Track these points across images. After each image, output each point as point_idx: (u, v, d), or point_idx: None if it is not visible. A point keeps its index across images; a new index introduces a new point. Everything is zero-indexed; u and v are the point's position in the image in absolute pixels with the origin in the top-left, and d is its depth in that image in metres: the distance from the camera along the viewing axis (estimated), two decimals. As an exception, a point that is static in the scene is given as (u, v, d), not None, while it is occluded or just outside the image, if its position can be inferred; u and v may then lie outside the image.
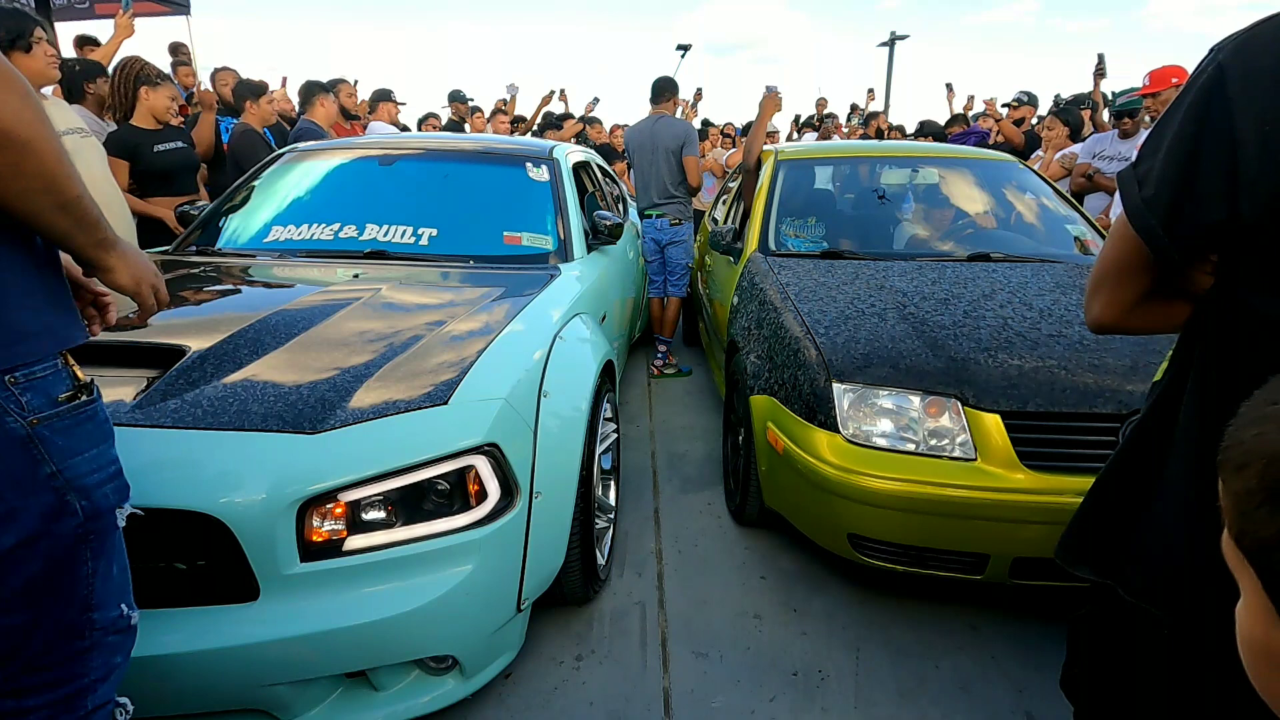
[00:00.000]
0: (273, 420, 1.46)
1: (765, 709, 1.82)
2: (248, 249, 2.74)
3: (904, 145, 5.02)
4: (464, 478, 1.55)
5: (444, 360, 1.75)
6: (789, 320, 2.42)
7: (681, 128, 4.20)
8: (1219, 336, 0.81)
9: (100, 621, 0.94)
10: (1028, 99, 5.74)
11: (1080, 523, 1.05)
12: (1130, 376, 1.96)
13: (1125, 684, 1.05)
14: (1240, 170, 0.72)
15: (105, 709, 0.97)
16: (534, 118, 7.24)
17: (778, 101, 3.99)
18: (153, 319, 1.79)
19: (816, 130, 8.95)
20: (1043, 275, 2.72)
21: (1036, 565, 1.91)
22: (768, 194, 3.46)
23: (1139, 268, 0.86)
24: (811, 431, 2.09)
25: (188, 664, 1.32)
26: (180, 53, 5.72)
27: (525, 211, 2.94)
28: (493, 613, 1.63)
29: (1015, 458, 1.89)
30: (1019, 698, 1.86)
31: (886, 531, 2.00)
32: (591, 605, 2.21)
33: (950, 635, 2.10)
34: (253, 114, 4.39)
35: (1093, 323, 0.94)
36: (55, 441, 0.87)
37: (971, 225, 3.41)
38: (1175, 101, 0.80)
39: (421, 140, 3.61)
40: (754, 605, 2.24)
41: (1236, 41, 0.74)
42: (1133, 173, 0.84)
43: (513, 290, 2.30)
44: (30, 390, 0.85)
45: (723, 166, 6.94)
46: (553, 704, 1.83)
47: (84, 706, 0.93)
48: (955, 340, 2.16)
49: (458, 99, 6.63)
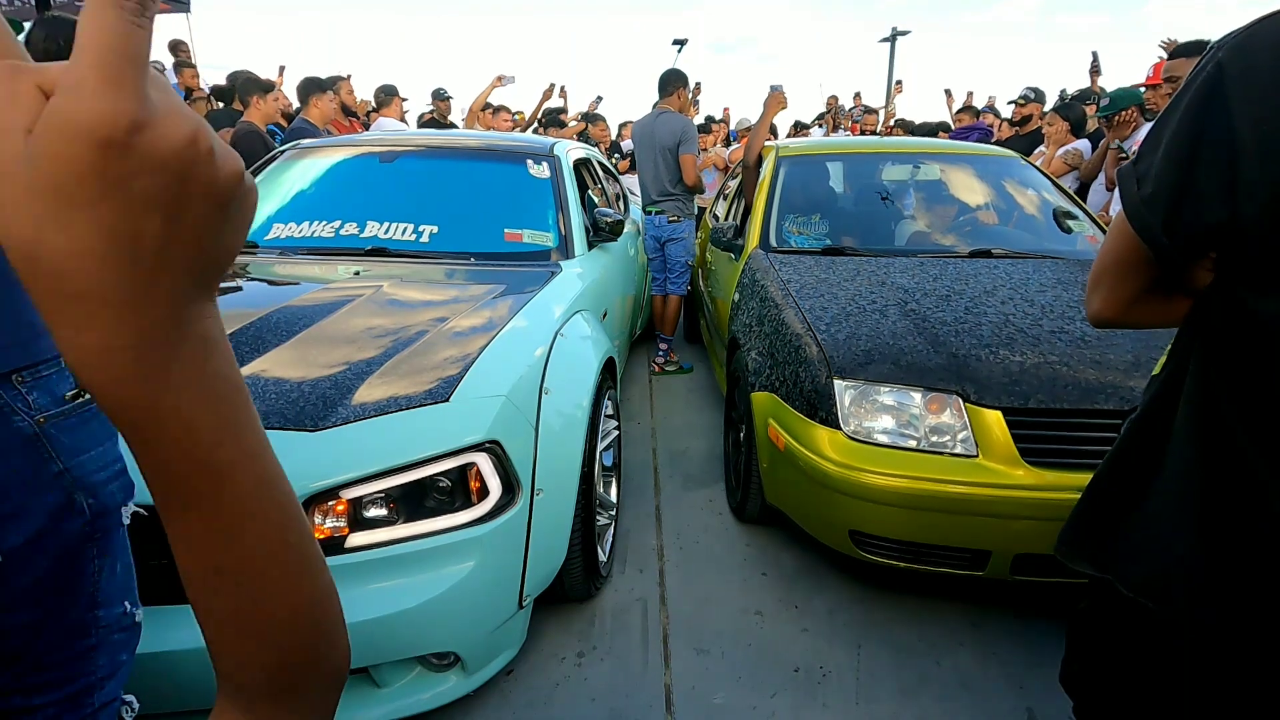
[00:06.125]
0: (274, 417, 1.46)
1: (766, 705, 1.83)
2: (248, 246, 2.74)
3: (905, 141, 5.01)
4: (465, 475, 1.56)
5: (445, 357, 1.75)
6: (790, 317, 2.42)
7: (679, 124, 4.18)
8: (1218, 333, 0.81)
9: (105, 619, 0.94)
10: (1034, 96, 5.70)
11: (1080, 517, 1.05)
12: (1132, 372, 1.96)
13: (1124, 678, 1.06)
14: (1239, 170, 0.72)
15: (111, 707, 0.97)
16: (535, 114, 7.21)
17: (782, 100, 3.98)
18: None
19: (823, 126, 8.95)
20: (1044, 271, 2.71)
21: (1038, 561, 1.91)
22: (769, 190, 3.45)
23: (1138, 264, 0.86)
24: (813, 428, 2.09)
25: (193, 660, 1.33)
26: (181, 50, 5.73)
27: (526, 208, 2.94)
28: (494, 609, 1.64)
29: (1017, 454, 1.89)
30: (1020, 694, 1.87)
31: (888, 528, 2.00)
32: (593, 602, 2.21)
33: (951, 632, 2.10)
34: (255, 111, 4.39)
35: (1093, 317, 0.95)
36: (62, 440, 0.87)
37: (973, 221, 3.41)
38: (1175, 99, 0.80)
39: (422, 137, 3.61)
40: (755, 602, 2.24)
41: (1235, 40, 0.74)
42: (1132, 170, 0.84)
43: (514, 287, 2.31)
44: (37, 389, 0.85)
45: (725, 160, 6.93)
46: (554, 700, 1.84)
47: (90, 704, 0.93)
48: (957, 337, 2.16)
49: (440, 96, 6.59)
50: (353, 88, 5.76)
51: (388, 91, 5.75)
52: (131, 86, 0.23)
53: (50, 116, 0.23)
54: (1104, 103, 4.09)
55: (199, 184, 0.26)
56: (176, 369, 0.28)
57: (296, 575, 0.34)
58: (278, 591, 0.33)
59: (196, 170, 0.26)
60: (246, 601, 0.33)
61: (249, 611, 0.33)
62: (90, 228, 0.24)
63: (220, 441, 0.30)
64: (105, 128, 0.23)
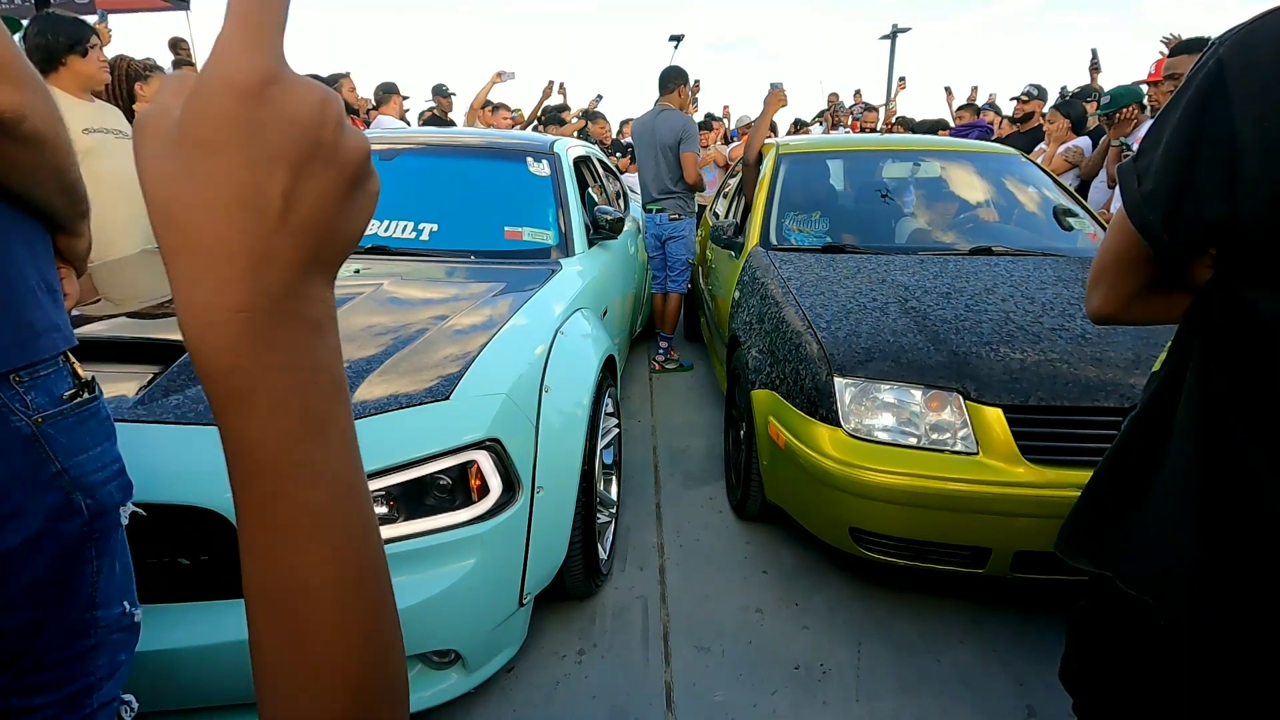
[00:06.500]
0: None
1: (767, 702, 1.83)
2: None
3: (905, 138, 5.00)
4: (466, 473, 1.56)
5: (446, 355, 1.75)
6: (790, 315, 2.42)
7: (680, 121, 4.17)
8: (1218, 330, 0.81)
9: (104, 619, 0.94)
10: (1037, 93, 5.68)
11: (1080, 515, 1.05)
12: (1132, 370, 1.96)
13: (1124, 676, 1.05)
14: (1239, 167, 0.71)
15: (110, 707, 0.97)
16: (534, 112, 7.20)
17: (782, 98, 3.98)
18: (153, 318, 1.79)
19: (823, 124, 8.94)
20: (1044, 269, 2.71)
21: (1038, 559, 1.91)
22: (769, 188, 3.45)
23: (1138, 261, 0.86)
24: (813, 426, 2.09)
25: (193, 658, 1.33)
26: (181, 48, 5.72)
27: (526, 206, 2.94)
28: (495, 607, 1.64)
29: (1017, 451, 1.89)
30: (1020, 691, 1.87)
31: (888, 526, 2.00)
32: (593, 600, 2.21)
33: (952, 629, 2.10)
34: None
35: (1093, 314, 0.94)
36: (60, 440, 0.87)
37: (973, 219, 3.41)
38: (1176, 96, 0.79)
39: (422, 135, 3.61)
40: (755, 599, 2.24)
41: (1237, 36, 0.73)
42: (1133, 167, 0.84)
43: (514, 285, 2.30)
44: (34, 389, 0.85)
45: (725, 158, 6.92)
46: (555, 698, 1.84)
47: (89, 704, 0.93)
48: (957, 334, 2.16)
49: (441, 93, 6.57)
50: (354, 85, 5.75)
51: (387, 89, 5.74)
52: (269, 46, 0.25)
53: (198, 78, 0.25)
54: (1105, 100, 4.08)
55: (325, 147, 0.27)
56: (280, 346, 0.27)
57: (359, 615, 0.31)
58: (335, 627, 0.30)
59: (324, 133, 0.27)
60: (299, 632, 0.30)
61: (299, 644, 0.30)
62: (220, 176, 0.25)
63: (303, 438, 0.28)
64: (242, 78, 0.25)
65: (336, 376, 0.30)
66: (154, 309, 2.00)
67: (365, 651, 0.31)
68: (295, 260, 0.27)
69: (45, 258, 0.92)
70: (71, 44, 2.61)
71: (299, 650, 0.30)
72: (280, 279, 0.27)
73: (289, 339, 0.27)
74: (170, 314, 1.96)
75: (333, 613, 0.30)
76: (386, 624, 0.33)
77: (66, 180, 0.91)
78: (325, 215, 0.27)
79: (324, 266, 0.29)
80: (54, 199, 0.91)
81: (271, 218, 0.26)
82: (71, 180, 0.93)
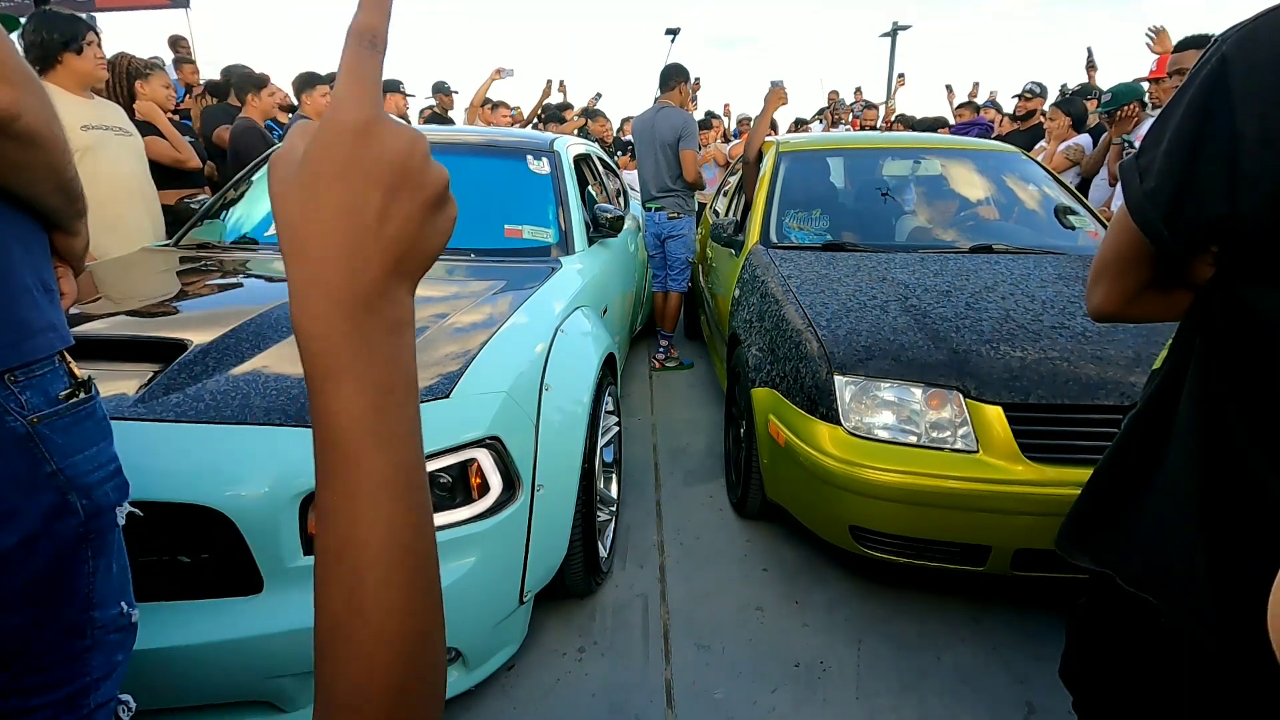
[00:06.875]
0: (275, 414, 1.46)
1: (767, 700, 1.83)
2: (249, 243, 2.74)
3: (906, 136, 5.00)
4: (466, 471, 1.56)
5: (446, 353, 1.75)
6: (790, 313, 2.41)
7: (679, 119, 4.15)
8: (1218, 328, 0.80)
9: (101, 620, 0.94)
10: (1039, 90, 5.66)
11: (1080, 513, 1.04)
12: (1133, 368, 1.96)
13: (1124, 673, 1.05)
14: (1241, 165, 0.71)
15: (107, 707, 0.97)
16: (534, 110, 7.19)
17: (783, 95, 3.97)
18: (153, 316, 1.79)
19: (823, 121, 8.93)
20: (1045, 267, 2.71)
21: (1038, 557, 1.91)
22: (769, 186, 3.44)
23: (1140, 258, 0.86)
24: (813, 424, 2.08)
25: (192, 656, 1.33)
26: (180, 46, 5.71)
27: (526, 204, 2.93)
28: (495, 605, 1.64)
29: (1017, 450, 1.89)
30: (1020, 689, 1.87)
31: (888, 524, 2.00)
32: (593, 598, 2.21)
33: (952, 627, 2.10)
34: (254, 108, 4.37)
35: (1093, 312, 0.94)
36: (55, 440, 0.87)
37: (973, 217, 3.40)
38: (1178, 93, 0.79)
39: (422, 133, 3.60)
40: (756, 597, 2.24)
41: (1240, 33, 0.73)
42: (1135, 164, 0.84)
43: (514, 283, 2.30)
44: (30, 389, 0.85)
45: (725, 156, 6.91)
46: (555, 696, 1.84)
47: (86, 705, 0.93)
48: (957, 332, 2.15)
49: (442, 90, 6.54)
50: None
51: (388, 86, 5.71)
52: (371, 98, 0.32)
53: (320, 123, 0.32)
54: (1106, 98, 4.07)
55: (413, 175, 0.33)
56: (367, 335, 0.32)
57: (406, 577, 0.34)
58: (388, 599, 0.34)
59: (412, 164, 0.33)
60: (352, 586, 0.33)
61: (352, 599, 0.33)
62: (332, 196, 0.31)
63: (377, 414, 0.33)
64: (353, 122, 0.31)
65: (409, 370, 0.35)
66: (154, 307, 2.00)
67: (409, 617, 0.35)
68: (384, 266, 0.33)
69: (42, 257, 0.91)
70: (66, 41, 2.62)
71: (352, 606, 0.33)
72: (371, 279, 0.32)
73: (374, 331, 0.33)
74: (170, 312, 1.96)
75: (382, 570, 0.34)
76: (434, 619, 0.36)
77: (63, 179, 0.91)
78: (410, 230, 0.33)
79: (407, 275, 0.34)
80: (50, 198, 0.91)
81: (368, 230, 0.32)
82: (68, 179, 0.92)
